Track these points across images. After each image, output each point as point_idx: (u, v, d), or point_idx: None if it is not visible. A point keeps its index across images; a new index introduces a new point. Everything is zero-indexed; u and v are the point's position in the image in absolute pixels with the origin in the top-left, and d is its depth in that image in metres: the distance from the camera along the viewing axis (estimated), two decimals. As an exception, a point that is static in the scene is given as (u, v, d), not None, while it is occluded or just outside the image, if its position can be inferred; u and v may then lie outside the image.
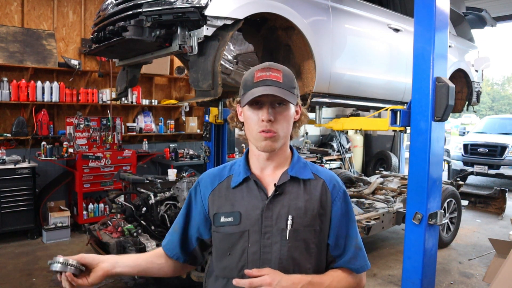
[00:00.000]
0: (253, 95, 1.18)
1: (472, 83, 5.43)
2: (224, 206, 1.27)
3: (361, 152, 9.59)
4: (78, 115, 5.62)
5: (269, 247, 1.20)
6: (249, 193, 1.26)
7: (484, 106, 36.15)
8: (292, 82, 1.25)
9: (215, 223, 1.27)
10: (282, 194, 1.24)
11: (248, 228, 1.22)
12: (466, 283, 4.05)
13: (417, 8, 2.80)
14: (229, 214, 1.25)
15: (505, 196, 6.64)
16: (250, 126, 1.23)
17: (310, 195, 1.26)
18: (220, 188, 1.30)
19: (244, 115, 1.27)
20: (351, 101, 4.06)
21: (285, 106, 1.22)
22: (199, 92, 2.90)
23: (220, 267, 1.27)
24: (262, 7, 2.96)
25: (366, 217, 4.28)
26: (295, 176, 1.26)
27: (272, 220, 1.21)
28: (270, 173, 1.28)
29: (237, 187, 1.28)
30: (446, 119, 2.79)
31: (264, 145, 1.21)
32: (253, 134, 1.23)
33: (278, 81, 1.20)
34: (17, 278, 3.90)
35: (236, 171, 1.31)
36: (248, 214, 1.23)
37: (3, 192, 4.76)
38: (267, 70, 1.22)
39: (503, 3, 7.71)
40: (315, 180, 1.29)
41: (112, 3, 3.06)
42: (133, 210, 3.70)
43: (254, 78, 1.22)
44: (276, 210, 1.22)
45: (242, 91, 1.25)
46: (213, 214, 1.28)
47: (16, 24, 5.36)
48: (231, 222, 1.24)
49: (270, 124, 1.19)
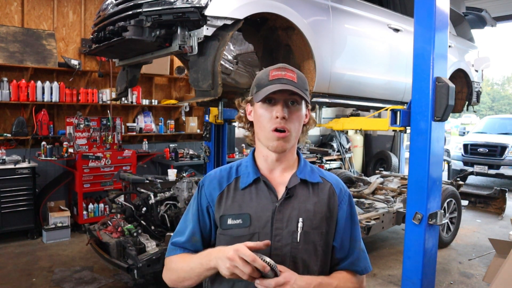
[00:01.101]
0: (269, 90, 1.18)
1: (472, 83, 5.43)
2: (231, 208, 1.24)
3: (361, 152, 9.59)
4: (78, 115, 5.62)
5: (279, 249, 1.20)
6: (258, 194, 1.24)
7: (484, 106, 36.14)
8: (305, 84, 1.26)
9: (222, 225, 1.24)
10: (292, 196, 1.24)
11: (258, 231, 1.21)
12: (466, 283, 4.05)
13: (417, 8, 2.79)
14: (237, 216, 1.22)
15: (505, 196, 6.64)
16: (262, 124, 1.22)
17: (318, 198, 1.27)
18: (228, 189, 1.28)
19: (255, 113, 1.26)
20: (351, 101, 4.06)
21: (298, 106, 1.24)
22: (199, 92, 2.90)
23: None
24: (262, 7, 2.96)
25: (366, 217, 4.28)
26: (304, 179, 1.27)
27: (283, 223, 1.21)
28: (279, 175, 1.28)
29: (246, 189, 1.26)
30: (446, 119, 2.79)
31: (276, 145, 1.21)
32: (265, 133, 1.22)
33: (293, 81, 1.22)
34: (17, 278, 3.90)
35: (244, 172, 1.29)
36: (258, 216, 1.22)
37: (3, 192, 4.76)
38: (282, 69, 1.23)
39: (503, 3, 7.72)
40: (322, 183, 1.30)
41: (112, 3, 3.06)
42: (133, 210, 3.70)
43: (269, 77, 1.22)
44: (287, 212, 1.22)
45: (255, 89, 1.25)
46: (219, 217, 1.25)
47: (16, 24, 5.37)
48: (240, 224, 1.22)
49: (284, 121, 1.19)
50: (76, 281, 3.85)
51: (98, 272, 4.05)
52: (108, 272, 4.02)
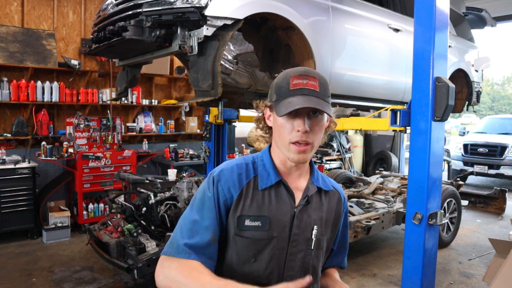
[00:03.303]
0: (292, 106, 1.11)
1: (472, 83, 5.43)
2: (249, 209, 1.18)
3: (361, 152, 9.58)
4: (78, 115, 5.62)
5: (294, 255, 1.21)
6: (278, 197, 1.21)
7: (484, 106, 36.14)
8: (327, 90, 1.19)
9: (239, 226, 1.17)
10: (309, 203, 1.24)
11: (276, 235, 1.18)
12: (466, 283, 4.04)
13: (417, 8, 2.80)
14: (256, 218, 1.17)
15: (505, 196, 6.63)
16: (283, 135, 1.17)
17: (329, 206, 1.30)
18: (247, 188, 1.20)
19: (275, 122, 1.20)
20: (351, 101, 4.06)
21: (321, 116, 1.18)
22: (199, 92, 2.90)
23: (243, 273, 1.18)
24: (262, 7, 2.96)
25: (366, 217, 4.28)
26: (319, 187, 1.28)
27: (300, 229, 1.21)
28: (295, 179, 1.26)
29: (265, 190, 1.21)
30: (446, 119, 2.79)
31: (298, 158, 1.17)
32: (285, 144, 1.17)
33: (315, 90, 1.15)
34: (17, 278, 3.90)
35: (262, 172, 1.23)
36: (277, 220, 1.19)
37: (3, 192, 4.76)
38: (304, 77, 1.16)
39: (503, 3, 7.72)
40: (333, 191, 1.34)
41: (112, 3, 3.06)
42: (133, 210, 3.70)
43: (290, 85, 1.15)
44: (304, 219, 1.22)
45: (275, 97, 1.18)
46: (236, 217, 1.17)
47: (16, 24, 5.36)
48: (259, 227, 1.17)
49: (306, 135, 1.14)
50: (76, 281, 3.84)
51: (98, 272, 4.05)
52: (108, 272, 4.02)
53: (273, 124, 1.22)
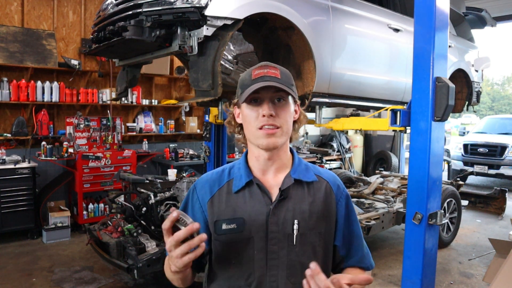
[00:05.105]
0: (253, 89, 1.15)
1: (472, 83, 5.43)
2: (225, 213, 1.20)
3: (361, 152, 9.59)
4: (78, 115, 5.62)
5: (276, 253, 1.18)
6: (252, 197, 1.21)
7: (484, 106, 36.14)
8: (290, 79, 1.22)
9: (217, 231, 1.20)
10: (287, 198, 1.20)
11: (252, 235, 1.18)
12: (466, 283, 4.05)
13: (417, 8, 2.80)
14: (231, 221, 1.18)
15: (505, 196, 6.63)
16: (250, 124, 1.19)
17: (314, 197, 1.23)
18: (220, 193, 1.23)
19: (242, 115, 1.23)
20: (351, 101, 4.06)
21: (285, 102, 1.19)
22: (199, 92, 2.90)
23: (225, 276, 1.22)
24: (262, 7, 2.96)
25: (366, 217, 4.28)
26: (298, 179, 1.23)
27: (278, 226, 1.18)
28: (272, 176, 1.24)
29: (239, 192, 1.22)
30: (446, 119, 2.79)
31: (267, 143, 1.16)
32: (253, 132, 1.18)
33: (276, 77, 1.18)
34: (17, 278, 3.90)
35: (237, 174, 1.25)
36: (252, 220, 1.18)
37: (3, 192, 4.76)
38: (265, 67, 1.20)
39: (503, 3, 7.71)
40: (318, 182, 1.26)
41: (112, 3, 3.06)
42: (133, 210, 3.70)
43: (251, 76, 1.19)
44: (282, 215, 1.19)
45: (239, 91, 1.22)
46: (213, 222, 1.21)
47: (16, 24, 5.36)
48: (234, 229, 1.18)
49: (272, 119, 1.15)
50: (76, 281, 3.85)
51: (98, 272, 4.05)
52: (108, 272, 4.02)
53: (242, 118, 1.24)
